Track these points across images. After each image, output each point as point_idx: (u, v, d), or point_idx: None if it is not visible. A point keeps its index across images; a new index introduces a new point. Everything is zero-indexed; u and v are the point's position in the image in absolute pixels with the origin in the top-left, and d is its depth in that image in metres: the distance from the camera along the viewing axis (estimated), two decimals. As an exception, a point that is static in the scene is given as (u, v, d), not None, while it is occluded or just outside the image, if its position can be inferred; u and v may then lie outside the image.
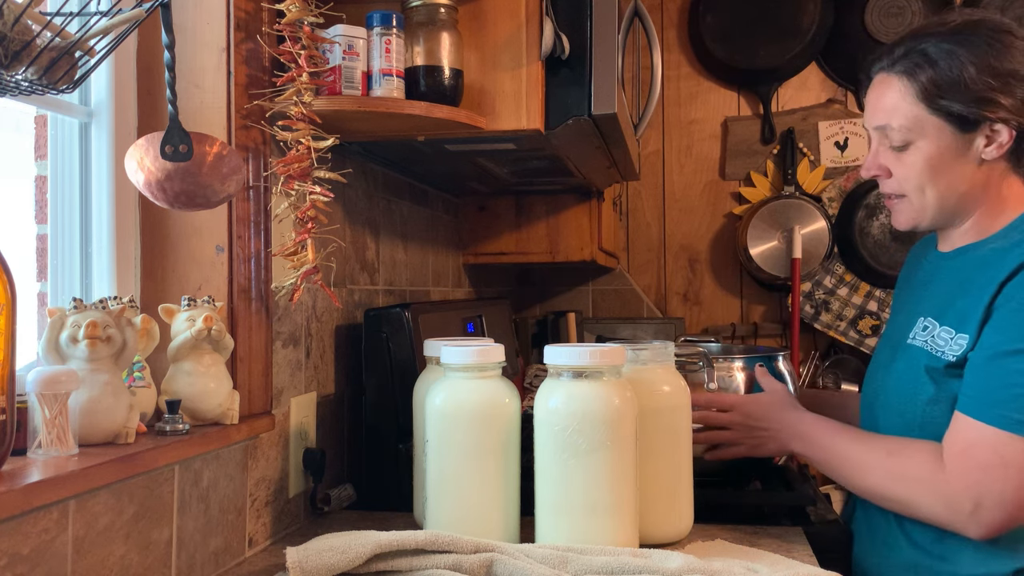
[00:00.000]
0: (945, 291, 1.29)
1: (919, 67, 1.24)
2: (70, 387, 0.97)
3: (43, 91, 0.94)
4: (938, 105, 1.22)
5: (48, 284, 1.18)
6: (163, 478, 1.09)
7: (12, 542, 0.85)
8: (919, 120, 1.24)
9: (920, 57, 1.24)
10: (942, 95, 1.21)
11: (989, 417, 1.13)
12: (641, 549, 1.15)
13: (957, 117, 1.21)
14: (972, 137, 1.22)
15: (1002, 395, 1.13)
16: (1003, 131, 1.20)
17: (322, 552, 1.08)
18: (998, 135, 1.21)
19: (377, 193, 1.82)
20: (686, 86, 3.10)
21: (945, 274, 1.33)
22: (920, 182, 1.26)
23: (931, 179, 1.25)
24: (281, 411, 1.39)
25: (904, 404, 1.29)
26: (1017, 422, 1.11)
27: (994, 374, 1.15)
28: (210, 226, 1.26)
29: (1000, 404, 1.13)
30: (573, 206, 2.38)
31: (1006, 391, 1.13)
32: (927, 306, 1.32)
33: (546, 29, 1.38)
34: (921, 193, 1.27)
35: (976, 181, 1.24)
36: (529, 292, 3.18)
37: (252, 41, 1.29)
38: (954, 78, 1.20)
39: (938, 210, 1.28)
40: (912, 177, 1.27)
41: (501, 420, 1.22)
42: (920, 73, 1.23)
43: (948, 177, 1.24)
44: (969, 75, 1.19)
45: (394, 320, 1.58)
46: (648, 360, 1.31)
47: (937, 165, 1.24)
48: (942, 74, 1.21)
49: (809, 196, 2.96)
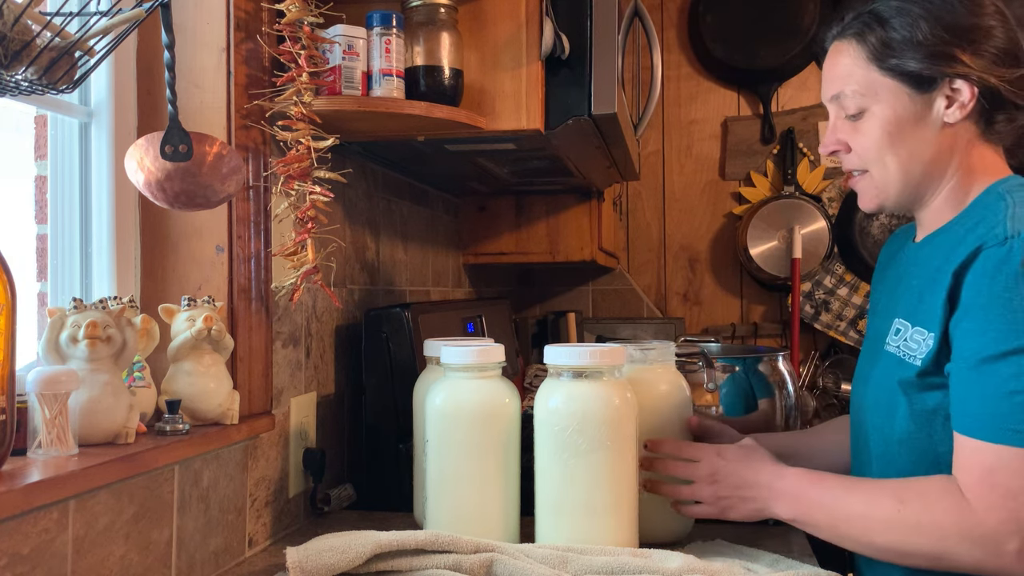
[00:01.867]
0: (917, 286, 1.16)
1: (869, 27, 1.15)
2: (70, 387, 0.97)
3: (43, 91, 0.94)
4: (890, 65, 1.12)
5: (48, 284, 1.18)
6: (163, 478, 1.09)
7: (12, 542, 0.85)
8: (872, 83, 1.14)
9: (870, 17, 1.15)
10: (894, 54, 1.12)
11: (999, 436, 0.98)
12: (641, 549, 1.15)
13: (912, 76, 1.11)
14: (931, 98, 1.11)
15: (1004, 407, 0.99)
16: (964, 89, 1.09)
17: (322, 552, 1.08)
18: (959, 94, 1.10)
19: (377, 193, 1.82)
20: (686, 86, 3.10)
21: (917, 266, 1.19)
22: (880, 152, 1.15)
23: (891, 147, 1.14)
24: (281, 411, 1.39)
25: (882, 420, 1.18)
26: None
27: (987, 383, 1.00)
28: (210, 226, 1.26)
29: (1005, 418, 0.98)
30: (573, 206, 2.38)
31: (1007, 401, 0.98)
32: (901, 305, 1.19)
33: (546, 29, 1.38)
34: (883, 165, 1.16)
35: (941, 147, 1.13)
36: (529, 292, 3.18)
37: (252, 41, 1.29)
38: (906, 35, 1.11)
39: (903, 183, 1.16)
40: (871, 147, 1.16)
41: (501, 420, 1.22)
42: (870, 34, 1.14)
43: (909, 144, 1.13)
44: (922, 31, 1.10)
45: (394, 320, 1.58)
46: (655, 360, 1.31)
47: (895, 131, 1.13)
48: (893, 32, 1.12)
49: (809, 196, 2.96)
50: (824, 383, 2.94)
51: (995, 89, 1.09)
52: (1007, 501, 0.97)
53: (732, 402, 1.62)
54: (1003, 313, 0.99)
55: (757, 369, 1.66)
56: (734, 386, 1.62)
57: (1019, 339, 0.98)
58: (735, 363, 1.64)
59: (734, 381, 1.62)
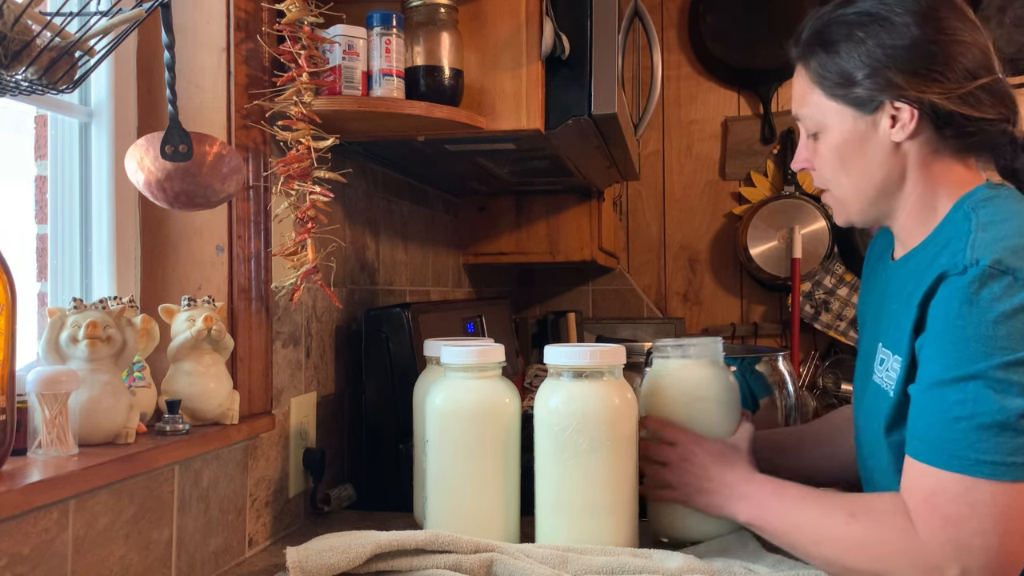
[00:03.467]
0: (894, 311, 1.14)
1: (811, 50, 1.15)
2: (70, 387, 0.97)
3: (43, 91, 0.94)
4: (831, 91, 1.13)
5: (48, 284, 1.18)
6: (163, 478, 1.09)
7: (12, 542, 0.85)
8: (819, 106, 1.15)
9: (813, 39, 1.15)
10: (834, 79, 1.12)
11: (941, 461, 0.97)
12: (641, 549, 1.15)
13: (853, 99, 1.12)
14: (875, 119, 1.11)
15: (947, 433, 0.97)
16: (904, 110, 1.09)
17: (322, 552, 1.08)
18: (901, 114, 1.09)
19: (377, 193, 1.82)
20: (686, 86, 3.10)
21: (895, 288, 1.18)
22: (833, 172, 1.16)
23: (842, 167, 1.15)
24: (281, 411, 1.39)
25: (872, 447, 1.17)
26: (974, 462, 0.95)
27: (935, 408, 0.99)
28: (210, 226, 1.26)
29: (947, 444, 0.97)
30: (573, 206, 2.38)
31: (950, 427, 0.97)
32: (882, 331, 1.18)
33: (546, 29, 1.38)
34: (838, 184, 1.17)
35: (893, 166, 1.12)
36: (529, 292, 3.18)
37: (252, 41, 1.29)
38: (844, 60, 1.11)
39: (858, 202, 1.16)
40: (826, 168, 1.17)
41: (501, 420, 1.22)
42: (812, 58, 1.15)
43: (859, 164, 1.13)
44: (860, 55, 1.10)
45: (394, 320, 1.58)
46: (696, 356, 1.29)
47: (844, 152, 1.14)
48: (835, 56, 1.12)
49: (809, 196, 2.96)
50: (824, 383, 2.94)
51: (939, 107, 1.08)
52: (946, 526, 0.96)
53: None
54: (955, 340, 0.98)
55: (757, 369, 1.66)
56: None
57: (968, 366, 0.96)
58: (734, 363, 1.64)
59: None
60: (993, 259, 0.97)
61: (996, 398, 0.94)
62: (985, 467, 0.94)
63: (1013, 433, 0.93)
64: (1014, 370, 0.94)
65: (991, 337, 0.95)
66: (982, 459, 0.94)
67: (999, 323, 0.95)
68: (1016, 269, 0.96)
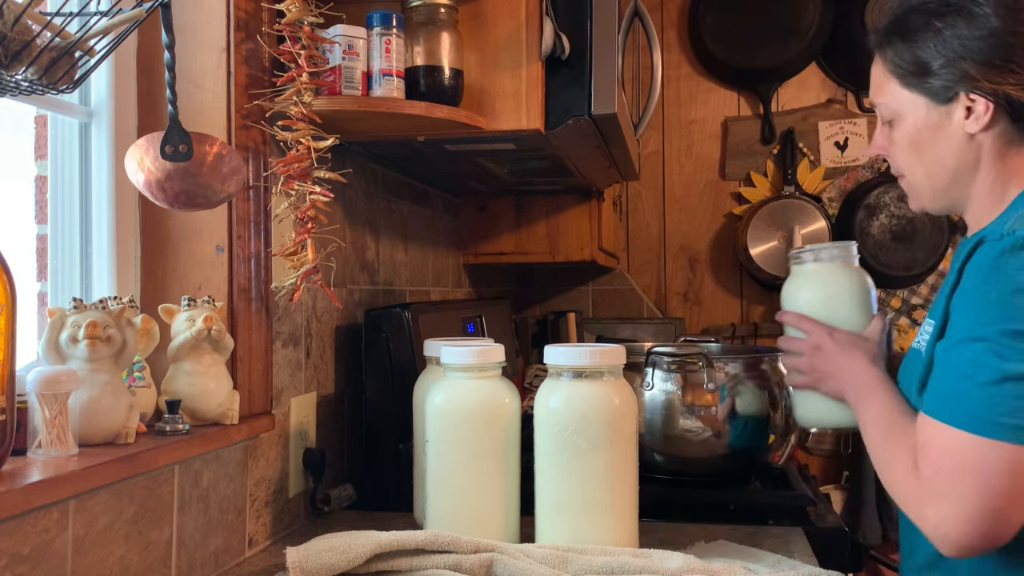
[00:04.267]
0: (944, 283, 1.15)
1: (888, 39, 1.17)
2: (70, 387, 0.97)
3: (43, 91, 0.94)
4: (907, 81, 1.15)
5: (48, 284, 1.18)
6: (163, 478, 1.09)
7: (12, 542, 0.85)
8: (895, 95, 1.17)
9: (891, 27, 1.17)
10: (910, 69, 1.14)
11: (939, 412, 1.01)
12: (641, 549, 1.16)
13: (928, 90, 1.13)
14: (950, 110, 1.13)
15: (950, 387, 1.01)
16: (979, 102, 1.10)
17: (322, 552, 1.08)
18: (976, 106, 1.10)
19: (377, 193, 1.82)
20: (686, 86, 3.10)
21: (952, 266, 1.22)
22: (907, 160, 1.19)
23: (916, 156, 1.17)
24: (281, 411, 1.39)
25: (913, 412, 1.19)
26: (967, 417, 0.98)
27: (948, 364, 1.03)
28: (210, 226, 1.26)
29: (948, 397, 1.01)
30: (573, 206, 2.38)
31: (955, 383, 1.01)
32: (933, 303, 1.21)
33: (546, 29, 1.38)
34: (912, 172, 1.20)
35: (966, 156, 1.14)
36: (529, 292, 3.18)
37: (252, 41, 1.29)
38: (920, 51, 1.13)
39: (931, 189, 1.19)
40: (900, 155, 1.20)
41: (501, 420, 1.22)
42: (887, 46, 1.17)
43: (933, 153, 1.16)
44: (937, 46, 1.11)
45: (394, 320, 1.58)
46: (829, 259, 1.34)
47: (918, 141, 1.16)
48: (908, 44, 1.14)
49: (809, 196, 2.96)
50: (824, 383, 2.93)
51: (1014, 99, 1.09)
52: (931, 473, 1.01)
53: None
54: (977, 303, 1.02)
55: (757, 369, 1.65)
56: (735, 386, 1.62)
57: (980, 329, 1.00)
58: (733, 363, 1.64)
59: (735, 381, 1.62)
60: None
61: (997, 362, 0.97)
62: (976, 423, 0.97)
63: (1005, 396, 0.96)
64: (1020, 339, 0.96)
65: (1007, 305, 0.98)
66: (975, 415, 0.97)
67: (1018, 293, 0.98)
68: None
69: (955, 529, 0.97)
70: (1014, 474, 0.95)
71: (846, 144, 2.99)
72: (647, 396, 1.59)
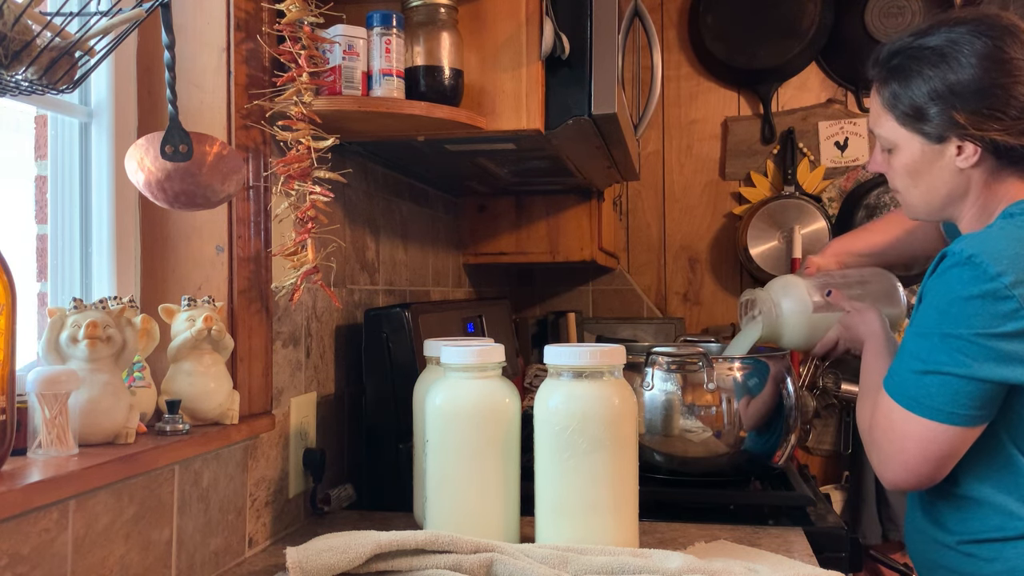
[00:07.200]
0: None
1: (886, 80, 1.29)
2: (70, 387, 0.97)
3: (43, 91, 0.94)
4: (902, 119, 1.27)
5: (48, 284, 1.18)
6: (163, 478, 1.09)
7: (12, 542, 0.85)
8: (893, 130, 1.29)
9: (888, 66, 1.28)
10: (905, 111, 1.26)
11: (888, 385, 1.23)
12: (641, 549, 1.15)
13: (921, 131, 1.26)
14: (942, 148, 1.25)
15: (898, 368, 1.22)
16: (968, 146, 1.22)
17: (322, 552, 1.08)
18: (965, 147, 1.23)
19: (377, 193, 1.82)
20: (686, 86, 3.10)
21: None
22: (904, 184, 1.33)
23: (912, 182, 1.31)
24: (281, 411, 1.39)
25: None
26: (900, 392, 1.20)
27: (903, 350, 1.23)
28: (210, 226, 1.26)
29: (895, 375, 1.22)
30: (573, 206, 2.38)
31: (901, 365, 1.22)
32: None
33: (546, 29, 1.38)
34: (908, 194, 1.34)
35: (957, 185, 1.27)
36: (529, 292, 3.17)
37: (252, 41, 1.29)
38: (912, 92, 1.24)
39: (926, 209, 1.34)
40: (897, 180, 1.34)
41: (501, 420, 1.22)
42: (884, 85, 1.29)
43: (927, 181, 1.29)
44: (928, 93, 1.23)
45: (394, 320, 1.58)
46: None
47: (914, 171, 1.29)
48: (904, 87, 1.26)
49: (809, 196, 2.96)
50: (824, 383, 2.93)
51: (999, 143, 1.20)
52: (876, 428, 1.24)
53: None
54: (926, 305, 1.20)
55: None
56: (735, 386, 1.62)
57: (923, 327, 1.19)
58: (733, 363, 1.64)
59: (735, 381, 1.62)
60: (976, 251, 1.15)
61: (928, 355, 1.17)
62: (905, 398, 1.19)
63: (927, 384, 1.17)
64: (947, 341, 1.15)
65: (944, 312, 1.16)
66: (906, 393, 1.19)
67: (953, 303, 1.15)
68: (987, 265, 1.13)
69: (883, 472, 1.24)
70: (924, 440, 1.18)
71: (846, 144, 2.98)
72: (647, 396, 1.59)
